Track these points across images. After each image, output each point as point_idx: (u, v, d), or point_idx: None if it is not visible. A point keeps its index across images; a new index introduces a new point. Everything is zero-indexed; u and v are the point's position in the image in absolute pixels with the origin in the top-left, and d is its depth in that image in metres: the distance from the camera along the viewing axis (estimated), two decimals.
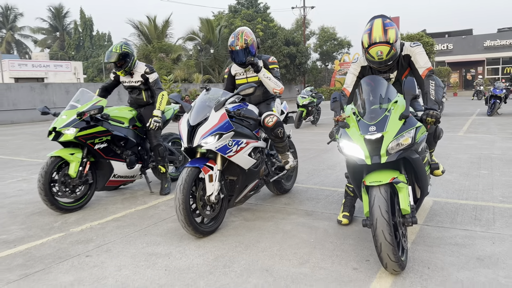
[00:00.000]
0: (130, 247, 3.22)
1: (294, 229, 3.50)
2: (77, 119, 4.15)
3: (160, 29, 36.14)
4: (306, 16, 45.07)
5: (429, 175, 3.16)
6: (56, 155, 4.09)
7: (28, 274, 2.78)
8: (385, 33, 3.02)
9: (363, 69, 3.45)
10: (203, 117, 3.33)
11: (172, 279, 2.65)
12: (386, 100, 2.82)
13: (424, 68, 3.22)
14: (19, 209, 4.42)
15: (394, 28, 3.07)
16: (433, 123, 2.82)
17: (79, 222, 3.90)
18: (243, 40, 3.91)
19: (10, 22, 57.71)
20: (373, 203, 2.51)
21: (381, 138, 2.60)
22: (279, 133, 3.80)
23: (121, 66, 4.63)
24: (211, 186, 3.27)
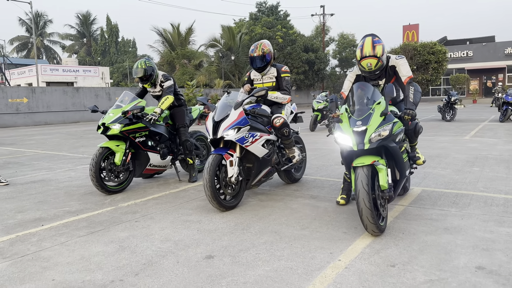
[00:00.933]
0: (169, 216, 4.06)
1: (300, 207, 4.29)
2: (122, 116, 5.04)
3: (183, 36, 37.50)
4: (326, 23, 45.83)
5: (408, 162, 3.89)
6: (105, 146, 4.98)
7: (92, 232, 3.65)
8: (374, 49, 3.81)
9: (358, 76, 4.23)
10: (225, 114, 4.16)
11: (203, 236, 3.46)
12: (372, 101, 3.59)
13: (406, 77, 3.99)
14: (73, 190, 5.33)
15: (381, 44, 3.85)
16: (410, 120, 3.60)
17: (125, 200, 4.77)
18: (260, 49, 4.75)
19: (40, 29, 60.23)
20: (357, 178, 3.28)
21: (365, 130, 3.37)
22: (285, 132, 4.60)
23: (147, 80, 5.55)
24: (231, 170, 4.09)
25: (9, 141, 12.33)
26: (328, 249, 3.11)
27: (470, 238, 3.26)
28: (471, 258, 2.87)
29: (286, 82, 4.86)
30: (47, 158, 8.48)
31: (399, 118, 3.66)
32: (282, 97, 4.77)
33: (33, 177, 6.30)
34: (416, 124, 4.08)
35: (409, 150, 4.00)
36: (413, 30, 41.62)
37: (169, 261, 2.96)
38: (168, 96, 5.53)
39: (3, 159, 8.34)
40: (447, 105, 16.12)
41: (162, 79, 5.68)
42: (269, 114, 4.69)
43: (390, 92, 3.47)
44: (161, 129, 5.53)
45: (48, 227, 3.82)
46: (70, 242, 3.40)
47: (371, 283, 2.54)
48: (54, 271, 2.84)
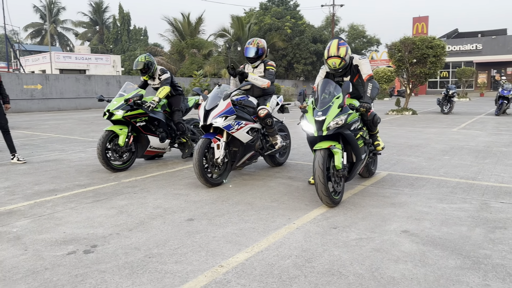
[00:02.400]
0: (163, 190, 4.77)
1: (276, 185, 4.97)
2: (124, 103, 5.75)
3: (193, 26, 38.07)
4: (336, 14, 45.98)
5: (365, 148, 4.53)
6: (110, 129, 5.70)
7: (97, 200, 4.38)
8: (338, 50, 4.45)
9: (327, 73, 4.86)
10: (215, 104, 4.84)
11: (188, 205, 4.17)
12: (333, 95, 4.24)
13: (366, 74, 4.62)
14: (83, 168, 6.08)
15: (345, 46, 4.49)
16: (365, 112, 4.25)
17: (127, 177, 5.50)
18: (256, 43, 5.42)
19: (53, 16, 61.24)
20: (315, 159, 3.95)
21: (324, 119, 4.02)
22: (268, 122, 5.26)
23: (146, 72, 6.30)
24: (218, 152, 4.78)
25: (25, 125, 13.18)
26: (288, 216, 3.79)
27: (408, 211, 3.91)
28: (401, 225, 3.53)
29: (269, 72, 5.49)
30: (60, 141, 9.26)
31: (356, 110, 4.30)
32: (261, 80, 5.41)
33: (47, 157, 7.07)
34: (374, 115, 4.71)
35: (366, 137, 4.63)
36: (422, 22, 41.61)
37: (157, 221, 3.67)
38: (165, 87, 6.22)
39: (20, 141, 9.14)
40: (445, 98, 16.57)
41: (159, 72, 6.39)
42: (254, 105, 5.36)
43: (346, 88, 4.10)
44: (159, 115, 6.23)
45: (60, 196, 4.56)
46: (79, 207, 4.13)
47: (313, 238, 3.22)
48: (65, 227, 3.57)
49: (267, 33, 39.06)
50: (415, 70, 15.87)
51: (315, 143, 4.20)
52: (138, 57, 6.32)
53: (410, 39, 15.69)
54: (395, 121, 13.39)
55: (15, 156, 6.56)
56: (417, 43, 15.33)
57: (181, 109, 6.51)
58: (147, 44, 56.34)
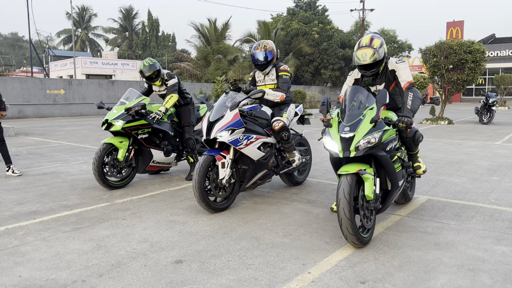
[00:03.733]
0: (157, 215, 4.05)
1: (291, 212, 4.16)
2: (125, 113, 5.09)
3: (220, 32, 37.71)
4: (366, 19, 44.70)
5: (403, 172, 3.66)
6: (108, 142, 5.05)
7: (78, 228, 3.70)
8: (371, 41, 3.67)
9: (356, 81, 4.04)
10: (220, 115, 4.10)
11: (182, 239, 3.43)
12: (364, 107, 3.42)
13: (406, 82, 3.77)
14: (78, 184, 5.45)
15: (381, 39, 3.68)
16: (404, 128, 3.39)
17: (122, 196, 4.82)
18: (263, 46, 4.65)
19: (85, 22, 62.62)
20: (339, 187, 3.13)
21: (352, 137, 3.20)
22: (284, 136, 4.47)
23: (157, 76, 5.61)
24: (223, 172, 4.02)
25: (41, 131, 12.87)
26: (302, 260, 2.98)
27: (458, 256, 3.03)
28: (451, 279, 2.66)
29: (283, 80, 4.72)
30: (68, 150, 8.75)
31: (394, 125, 3.47)
32: (273, 94, 4.64)
33: (46, 169, 6.51)
34: (415, 132, 3.84)
35: (405, 159, 3.78)
36: (457, 27, 39.86)
37: (137, 263, 2.94)
38: (173, 95, 5.53)
39: (27, 149, 8.69)
40: (485, 107, 15.30)
41: (166, 77, 5.70)
42: (268, 116, 4.58)
43: (382, 98, 3.28)
44: (165, 127, 5.55)
45: (38, 221, 3.91)
46: (52, 238, 3.46)
47: None
48: (24, 267, 2.89)
49: (294, 38, 38.27)
50: (452, 76, 14.69)
51: (340, 166, 3.39)
52: (143, 62, 5.65)
53: (447, 43, 14.55)
54: (431, 132, 12.31)
55: (10, 167, 6.03)
56: (454, 48, 14.18)
57: (191, 124, 5.80)
58: (174, 50, 56.55)
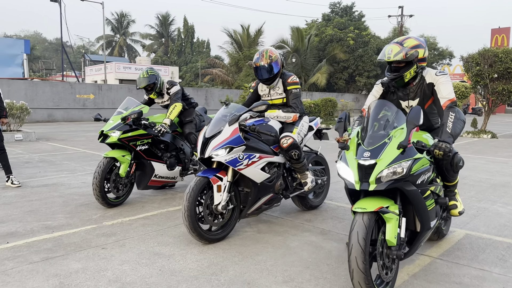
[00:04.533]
0: (142, 244, 3.52)
1: (299, 247, 3.52)
2: (122, 123, 4.62)
3: (252, 38, 37.42)
4: (404, 25, 43.17)
5: (436, 209, 2.94)
6: (111, 156, 4.58)
7: (47, 258, 3.21)
8: (404, 39, 3.09)
9: (384, 93, 3.37)
10: (217, 130, 3.53)
11: (160, 279, 2.87)
12: (392, 126, 2.76)
13: (446, 99, 3.06)
14: (74, 199, 5.02)
15: (418, 41, 3.08)
16: (441, 156, 2.69)
17: (114, 217, 4.33)
18: (267, 56, 4.03)
19: (123, 28, 64.18)
20: (353, 228, 2.48)
21: (373, 165, 2.55)
22: (293, 154, 3.84)
23: (152, 89, 5.15)
24: (218, 196, 3.44)
25: (64, 136, 12.76)
26: None
27: None
28: None
29: (294, 96, 4.09)
30: (80, 158, 8.45)
31: (428, 152, 2.76)
32: (284, 116, 4.03)
33: (48, 180, 6.16)
34: (454, 154, 3.10)
35: (440, 194, 3.04)
36: (503, 34, 37.71)
37: None
38: (176, 104, 5.03)
39: (40, 156, 8.45)
40: None
41: (167, 86, 5.23)
42: (276, 131, 3.96)
43: (415, 118, 2.60)
44: (167, 137, 5.05)
45: (10, 246, 3.46)
46: (14, 271, 2.98)
47: None
48: None
49: (328, 45, 37.40)
50: (497, 86, 13.53)
51: (357, 198, 2.74)
52: (140, 74, 5.20)
53: (491, 51, 13.41)
54: (472, 147, 11.25)
55: (9, 178, 5.71)
56: (500, 56, 13.04)
57: (193, 120, 5.33)
58: (208, 56, 56.81)
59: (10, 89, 16.88)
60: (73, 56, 71.08)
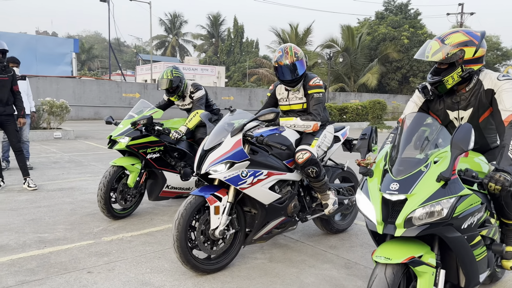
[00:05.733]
0: (133, 270, 3.08)
1: (314, 284, 2.93)
2: (132, 128, 4.24)
3: (301, 37, 36.63)
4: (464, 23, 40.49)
5: (487, 261, 2.22)
6: (119, 164, 4.22)
7: (24, 282, 2.85)
8: (449, 34, 2.43)
9: (427, 102, 2.68)
10: (218, 141, 3.02)
11: None
12: (432, 148, 2.11)
13: (510, 112, 2.32)
14: (83, 207, 4.72)
15: (467, 36, 2.37)
16: (498, 192, 1.98)
17: (116, 231, 3.95)
18: (293, 53, 3.44)
19: (176, 29, 65.59)
20: (371, 285, 1.88)
21: (403, 201, 1.93)
22: (311, 172, 3.24)
23: (174, 92, 4.72)
24: (216, 219, 2.92)
25: (104, 135, 12.80)
26: None
27: None
28: None
29: (316, 101, 3.47)
30: (110, 158, 8.22)
31: (479, 185, 2.07)
32: (303, 125, 3.41)
33: (67, 183, 5.94)
34: None
35: (495, 238, 2.32)
36: None
37: None
38: (197, 112, 4.58)
39: (70, 156, 8.38)
40: None
41: (192, 89, 4.77)
42: (290, 143, 3.38)
43: (462, 141, 1.93)
44: (181, 145, 4.60)
45: None
46: None
47: None
48: None
49: (381, 43, 35.80)
50: None
51: (383, 239, 2.13)
52: (162, 72, 4.78)
53: None
54: None
55: (26, 180, 5.54)
56: None
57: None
58: (257, 56, 56.60)
59: (59, 87, 17.43)
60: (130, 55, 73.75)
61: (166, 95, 4.91)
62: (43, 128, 11.13)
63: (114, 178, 4.18)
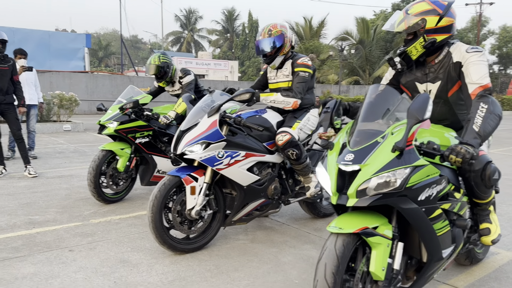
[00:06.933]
0: (114, 249, 3.13)
1: (291, 262, 2.93)
2: (120, 113, 4.29)
3: (315, 30, 36.41)
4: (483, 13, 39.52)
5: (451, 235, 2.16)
6: (108, 149, 4.29)
7: (6, 259, 2.93)
8: (414, 3, 2.38)
9: (399, 73, 2.65)
10: (195, 122, 3.04)
11: None
12: (392, 119, 2.09)
13: (477, 85, 2.25)
14: (78, 193, 4.81)
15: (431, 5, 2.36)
16: (460, 164, 1.93)
17: (105, 214, 4.01)
18: (267, 30, 3.44)
19: (191, 24, 65.83)
20: (321, 257, 1.87)
21: (357, 171, 1.91)
22: (291, 154, 3.22)
23: (162, 77, 4.76)
24: (192, 200, 2.95)
25: None
26: None
27: None
28: None
29: (300, 79, 3.43)
30: None
31: (441, 157, 2.01)
32: (282, 101, 3.38)
33: (67, 171, 6.06)
34: (485, 164, 2.24)
35: (462, 213, 2.25)
36: None
37: None
38: None
39: (77, 147, 8.53)
40: None
41: (181, 74, 4.82)
42: (271, 125, 3.38)
43: (418, 110, 1.89)
44: (171, 130, 4.65)
45: None
46: None
47: None
48: None
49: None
50: None
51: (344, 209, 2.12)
52: (150, 58, 4.83)
53: None
54: None
55: (27, 168, 5.67)
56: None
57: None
58: None
59: (72, 81, 17.72)
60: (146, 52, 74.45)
61: (156, 82, 4.96)
62: (53, 121, 11.36)
63: (103, 162, 4.24)
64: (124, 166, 4.38)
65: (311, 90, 3.61)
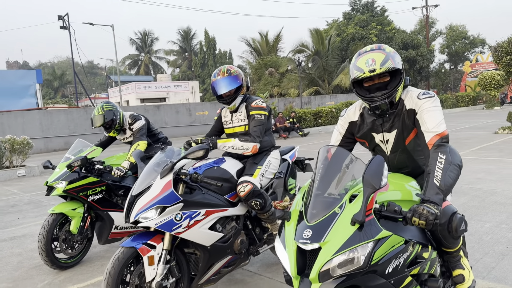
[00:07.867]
0: None
1: None
2: (68, 171, 3.99)
3: (272, 44, 36.76)
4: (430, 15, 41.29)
5: None
6: (58, 212, 3.95)
7: None
8: (380, 47, 2.23)
9: (352, 125, 2.50)
10: (147, 184, 2.81)
11: None
12: (348, 180, 1.94)
13: (434, 133, 2.14)
14: (31, 259, 4.42)
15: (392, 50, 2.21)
16: (424, 226, 1.77)
17: (61, 285, 3.68)
18: (225, 70, 3.30)
19: (148, 46, 65.15)
20: None
21: (317, 250, 1.74)
22: (254, 205, 3.05)
23: (110, 127, 4.47)
24: (151, 271, 2.69)
25: None
26: None
27: None
28: None
29: (256, 122, 3.29)
30: None
31: (403, 220, 1.83)
32: (241, 146, 3.22)
33: (21, 230, 5.62)
34: (451, 216, 1.99)
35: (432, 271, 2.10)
36: None
37: None
38: (139, 143, 4.36)
39: (31, 197, 8.01)
40: None
41: (130, 120, 4.55)
42: (231, 175, 3.19)
43: (373, 178, 1.73)
44: (126, 181, 4.36)
45: None
46: None
47: None
48: None
49: (350, 44, 36.12)
50: None
51: None
52: (94, 110, 4.54)
53: None
54: (507, 147, 9.97)
55: None
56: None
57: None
58: None
59: (25, 120, 16.92)
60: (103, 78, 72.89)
61: (105, 132, 4.67)
62: (6, 167, 10.70)
63: (54, 227, 3.92)
64: (78, 227, 4.06)
65: (269, 132, 3.48)
